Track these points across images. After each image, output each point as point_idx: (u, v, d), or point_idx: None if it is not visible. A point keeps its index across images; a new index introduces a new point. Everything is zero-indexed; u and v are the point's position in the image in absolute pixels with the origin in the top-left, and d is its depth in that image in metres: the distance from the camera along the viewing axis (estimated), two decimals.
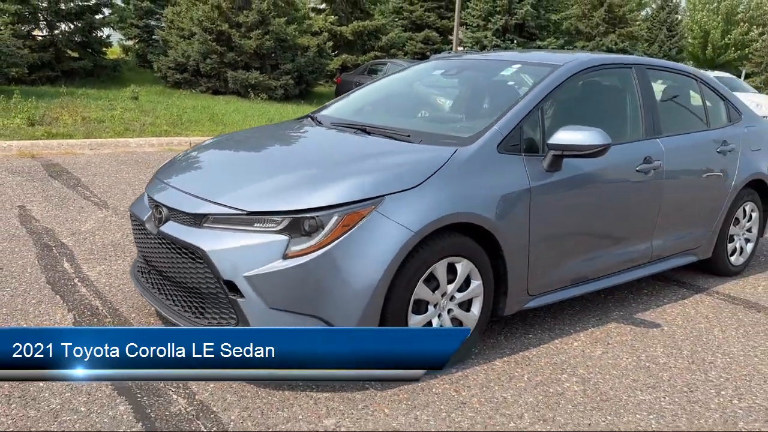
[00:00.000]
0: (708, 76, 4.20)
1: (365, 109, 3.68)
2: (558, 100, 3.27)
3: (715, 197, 3.92)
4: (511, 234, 2.82)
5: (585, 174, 3.11)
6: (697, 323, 3.45)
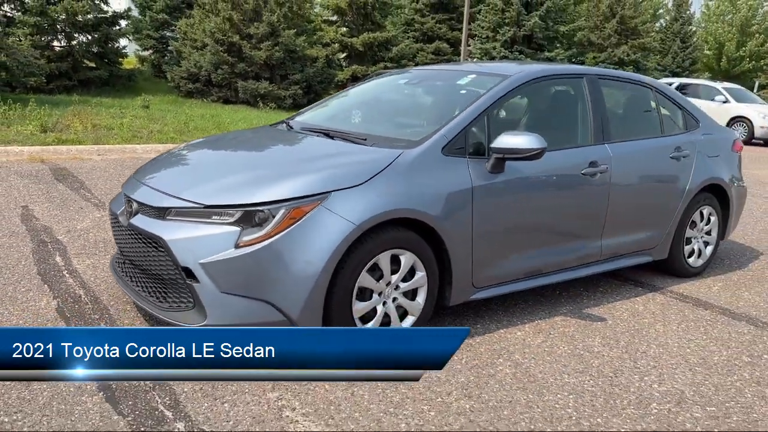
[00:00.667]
0: (666, 87, 4.41)
1: (334, 116, 3.96)
2: (505, 107, 3.52)
3: (667, 200, 4.12)
4: (454, 230, 3.06)
5: (528, 176, 3.35)
6: (642, 318, 3.66)
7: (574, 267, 3.78)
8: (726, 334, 3.49)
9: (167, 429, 2.29)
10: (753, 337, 3.47)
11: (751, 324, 3.66)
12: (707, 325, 3.60)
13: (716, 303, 3.99)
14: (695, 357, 3.17)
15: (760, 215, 7.01)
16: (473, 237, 3.15)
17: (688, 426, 2.51)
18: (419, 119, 3.63)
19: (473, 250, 3.17)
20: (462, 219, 3.09)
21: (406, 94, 4.05)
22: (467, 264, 3.17)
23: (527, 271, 3.51)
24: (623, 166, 3.81)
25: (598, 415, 2.55)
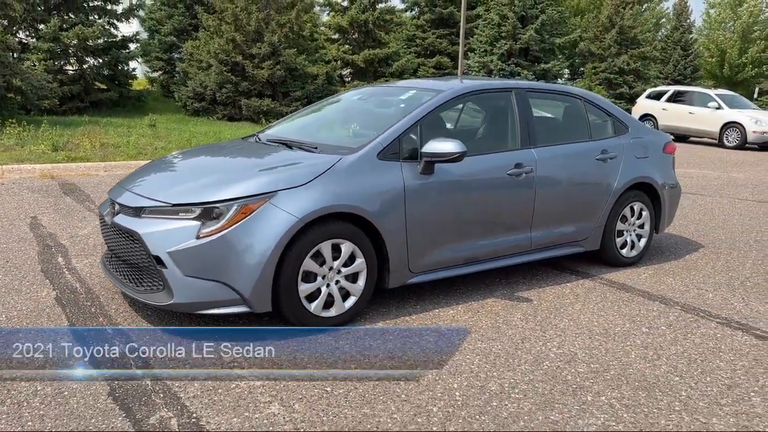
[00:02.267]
0: (596, 97, 4.95)
1: (296, 128, 4.55)
2: (438, 117, 4.08)
3: (594, 197, 4.64)
4: (390, 223, 3.61)
5: (457, 177, 3.89)
6: (565, 299, 4.17)
7: (508, 255, 4.30)
8: (636, 311, 3.99)
9: (140, 383, 2.84)
10: (659, 313, 3.97)
11: (663, 303, 4.16)
12: (622, 305, 4.10)
13: (639, 287, 4.49)
14: (599, 328, 3.68)
15: (718, 214, 7.47)
16: (407, 229, 3.70)
17: (569, 378, 3.03)
18: (364, 130, 4.19)
19: (408, 241, 3.71)
20: (396, 214, 3.64)
21: (358, 108, 4.62)
22: (403, 252, 3.71)
23: (464, 259, 4.04)
24: (548, 167, 4.34)
25: (495, 370, 3.08)
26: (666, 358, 3.29)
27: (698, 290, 4.47)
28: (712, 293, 4.41)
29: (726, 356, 3.33)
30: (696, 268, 5.03)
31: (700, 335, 3.62)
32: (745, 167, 12.73)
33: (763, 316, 3.97)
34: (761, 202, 8.48)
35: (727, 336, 3.62)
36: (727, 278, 4.79)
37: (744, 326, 3.79)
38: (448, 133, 4.17)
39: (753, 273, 4.96)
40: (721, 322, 3.85)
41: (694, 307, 4.09)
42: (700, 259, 5.31)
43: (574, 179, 4.53)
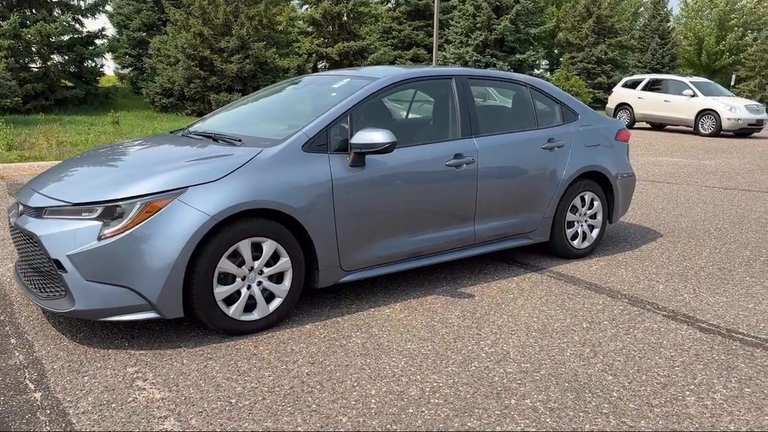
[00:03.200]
0: (544, 84, 4.77)
1: (227, 120, 4.32)
2: (372, 107, 3.88)
3: (541, 187, 4.47)
4: (317, 219, 3.41)
5: (391, 169, 3.70)
6: (508, 294, 4.00)
7: (451, 250, 4.12)
8: (580, 305, 3.83)
9: (27, 398, 2.63)
10: (604, 307, 3.81)
11: (610, 296, 4.00)
12: (566, 299, 3.94)
13: (588, 280, 4.33)
14: (538, 324, 3.51)
15: (683, 201, 7.35)
16: (337, 225, 3.50)
17: (496, 379, 2.85)
18: (293, 120, 3.97)
19: (338, 238, 3.52)
20: (323, 209, 3.44)
21: (292, 98, 4.41)
22: (333, 250, 3.52)
23: (403, 255, 3.85)
24: (491, 157, 4.16)
25: (419, 373, 2.89)
26: (603, 355, 3.12)
27: (649, 281, 4.32)
28: (663, 284, 4.27)
29: (666, 352, 3.18)
30: (650, 258, 4.88)
31: (643, 330, 3.46)
32: (717, 154, 12.68)
33: (711, 308, 3.82)
34: (727, 189, 8.39)
35: (670, 330, 3.46)
36: (681, 268, 4.65)
37: (690, 319, 3.64)
38: (383, 123, 3.97)
39: (708, 262, 4.82)
40: (668, 315, 3.70)
41: (642, 300, 3.94)
42: (655, 249, 5.17)
43: (519, 169, 4.35)
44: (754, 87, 35.02)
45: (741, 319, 3.64)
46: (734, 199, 7.58)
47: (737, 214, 6.70)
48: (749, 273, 4.58)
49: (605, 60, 31.49)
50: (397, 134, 3.61)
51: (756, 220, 6.42)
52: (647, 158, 11.62)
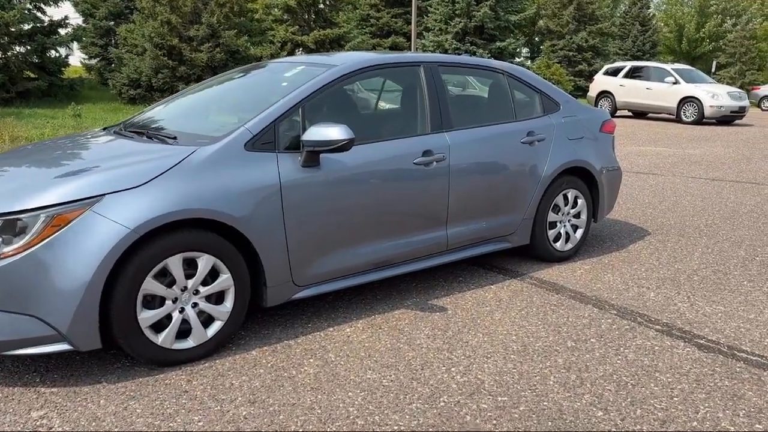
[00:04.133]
0: (522, 71, 4.33)
1: (170, 113, 3.82)
2: (328, 98, 3.42)
3: (521, 186, 4.05)
4: (263, 228, 2.96)
5: (350, 168, 3.25)
6: (485, 307, 3.58)
7: (421, 258, 3.69)
8: (564, 318, 3.42)
9: None
10: (591, 320, 3.41)
11: (597, 307, 3.60)
12: (549, 311, 3.53)
13: (572, 287, 3.93)
14: (517, 344, 3.10)
15: (669, 195, 7.00)
16: (287, 235, 3.05)
17: (467, 419, 2.43)
18: (236, 114, 3.50)
19: (289, 249, 3.07)
20: (271, 217, 2.99)
21: (243, 88, 3.91)
22: (284, 263, 3.07)
23: (367, 264, 3.42)
24: (464, 153, 3.73)
25: (378, 413, 2.46)
26: (591, 383, 2.71)
27: (639, 288, 3.93)
28: (654, 291, 3.88)
29: (662, 377, 2.78)
30: (639, 261, 4.49)
31: (635, 349, 3.06)
32: (701, 143, 12.39)
33: (709, 320, 3.44)
34: (714, 180, 8.06)
35: (666, 349, 3.07)
36: (672, 272, 4.27)
37: (687, 334, 3.25)
38: (342, 116, 3.52)
39: (701, 264, 4.45)
40: (661, 329, 3.31)
41: (632, 311, 3.55)
42: (644, 249, 4.79)
43: (496, 166, 3.92)
44: (735, 74, 34.99)
45: (743, 333, 3.26)
46: (722, 191, 7.24)
47: (727, 208, 6.36)
48: (746, 276, 4.21)
49: (586, 47, 31.22)
50: (358, 129, 3.18)
51: (747, 214, 6.08)
52: (631, 148, 11.29)
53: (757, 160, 10.08)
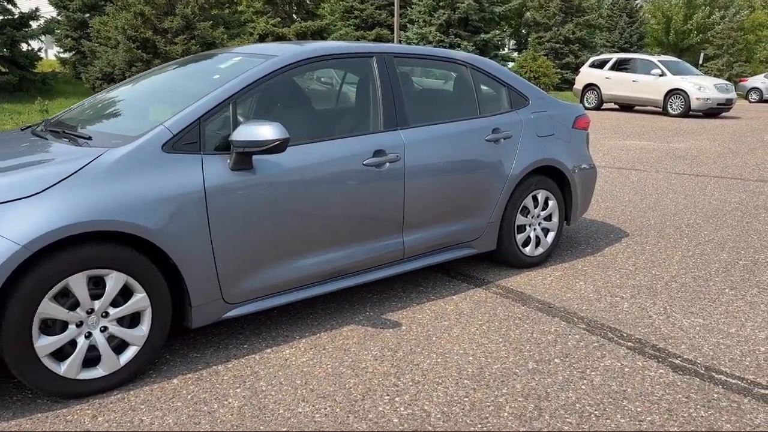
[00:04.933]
0: (487, 63, 4.00)
1: (94, 109, 3.45)
2: (264, 93, 3.08)
3: (485, 187, 3.74)
4: (185, 240, 2.62)
5: (289, 171, 2.92)
6: (443, 321, 3.27)
7: (375, 268, 3.37)
8: (528, 334, 3.11)
9: None
10: (556, 336, 3.10)
11: (565, 320, 3.29)
12: (512, 325, 3.22)
13: (540, 296, 3.62)
14: (473, 366, 2.78)
15: (651, 192, 6.71)
16: (214, 247, 2.72)
17: None
18: (162, 111, 3.14)
19: (217, 262, 2.74)
20: (194, 227, 2.65)
21: (170, 82, 3.55)
22: (210, 278, 2.74)
23: (312, 276, 3.09)
24: (421, 153, 3.40)
25: None
26: (549, 414, 2.41)
27: (612, 298, 3.63)
28: (629, 301, 3.58)
29: (631, 406, 2.47)
30: (614, 266, 4.20)
31: (603, 371, 2.76)
32: (687, 136, 12.13)
33: (686, 335, 3.14)
34: (698, 175, 7.78)
35: (637, 371, 2.76)
36: (649, 278, 3.97)
37: (661, 352, 2.95)
38: (281, 113, 3.18)
39: (680, 269, 4.15)
40: (633, 346, 3.01)
41: (602, 325, 3.24)
42: (620, 253, 4.49)
43: (457, 166, 3.60)
44: (722, 65, 34.86)
45: (722, 351, 2.97)
46: (706, 188, 6.97)
47: (710, 206, 6.08)
48: (728, 282, 3.92)
49: (573, 39, 30.93)
50: (300, 127, 2.87)
51: (731, 213, 5.80)
52: (614, 142, 11.01)
53: (743, 154, 9.83)
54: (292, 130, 2.98)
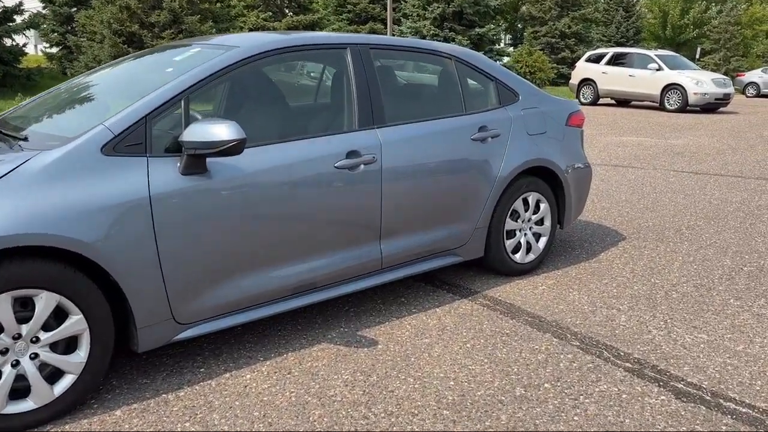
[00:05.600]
0: (474, 55, 3.70)
1: (43, 107, 3.14)
2: (222, 89, 2.79)
3: (472, 190, 3.44)
4: (127, 254, 2.33)
5: (250, 175, 2.62)
6: (424, 338, 2.98)
7: (353, 279, 3.08)
8: (516, 353, 2.83)
9: None
10: (547, 356, 2.81)
11: (557, 336, 3.01)
12: (499, 343, 2.93)
13: (530, 309, 3.34)
14: (454, 393, 2.50)
15: (649, 191, 6.43)
16: (162, 261, 2.42)
17: None
18: (104, 109, 2.84)
19: (166, 279, 2.44)
20: (138, 239, 2.36)
21: (123, 76, 3.23)
22: (159, 296, 2.44)
23: (280, 291, 2.80)
24: (399, 154, 3.11)
25: None
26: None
27: (608, 310, 3.34)
28: (626, 314, 3.30)
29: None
30: (610, 274, 3.91)
31: (598, 397, 2.47)
32: (685, 132, 11.86)
33: (689, 353, 2.86)
34: (698, 173, 7.50)
35: (635, 397, 2.48)
36: (648, 287, 3.69)
37: (661, 374, 2.66)
38: (241, 110, 2.88)
39: (681, 277, 3.87)
40: (632, 367, 2.72)
41: (597, 342, 2.96)
42: (617, 259, 4.20)
43: (440, 168, 3.31)
44: (719, 60, 34.59)
45: (729, 373, 2.68)
46: (706, 187, 6.69)
47: (711, 206, 5.80)
48: (733, 292, 3.64)
49: (569, 34, 30.60)
50: (264, 126, 2.58)
51: (733, 213, 5.52)
52: (611, 138, 10.72)
53: (743, 150, 9.56)
54: (254, 129, 2.70)
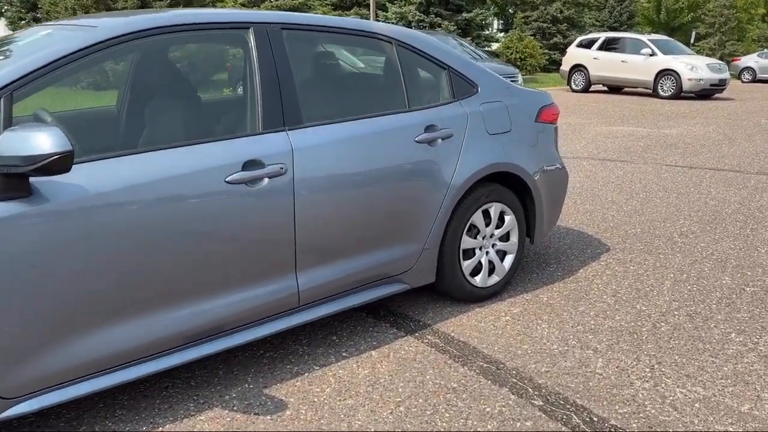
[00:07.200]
0: (421, 39, 3.03)
1: None
2: (69, 82, 2.13)
3: (417, 203, 2.81)
4: None
5: (94, 197, 1.98)
6: (348, 399, 2.35)
7: (260, 321, 2.45)
8: (461, 421, 2.21)
9: None
10: (500, 424, 2.19)
11: (515, 392, 2.39)
12: (442, 404, 2.31)
13: (488, 350, 2.72)
14: None
15: (638, 190, 5.80)
16: None
17: None
18: None
19: None
20: None
21: None
22: None
23: (158, 344, 2.17)
24: (318, 162, 2.47)
25: None
26: None
27: (582, 351, 2.72)
28: (604, 357, 2.68)
29: None
30: (588, 298, 3.29)
31: None
32: (679, 120, 11.22)
33: (681, 417, 2.24)
34: (692, 168, 6.88)
35: None
36: (632, 317, 3.07)
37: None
38: (93, 111, 2.24)
39: (673, 302, 3.26)
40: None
41: (566, 401, 2.34)
42: (598, 276, 3.58)
43: (374, 178, 2.66)
44: (714, 44, 33.93)
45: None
46: (701, 184, 6.07)
47: (707, 207, 5.18)
48: (734, 323, 3.02)
49: (561, 19, 29.86)
50: (125, 130, 1.94)
51: (731, 216, 4.91)
52: (600, 128, 10.08)
53: (740, 141, 8.94)
54: (109, 135, 2.06)
